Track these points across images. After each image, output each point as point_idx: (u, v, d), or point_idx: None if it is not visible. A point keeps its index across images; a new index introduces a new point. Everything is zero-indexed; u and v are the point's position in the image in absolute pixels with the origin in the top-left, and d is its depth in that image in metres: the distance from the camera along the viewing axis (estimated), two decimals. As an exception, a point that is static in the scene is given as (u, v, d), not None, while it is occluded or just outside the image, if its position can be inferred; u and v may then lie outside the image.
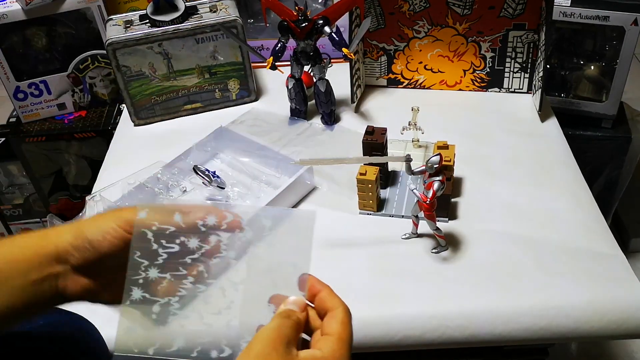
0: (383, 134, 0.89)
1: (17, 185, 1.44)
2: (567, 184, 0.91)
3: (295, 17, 0.98)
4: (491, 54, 1.11)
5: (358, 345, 0.72)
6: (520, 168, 0.95)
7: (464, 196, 0.90)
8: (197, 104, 1.16)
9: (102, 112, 1.32)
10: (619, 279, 0.76)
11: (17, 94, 1.26)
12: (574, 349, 1.31)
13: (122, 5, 1.29)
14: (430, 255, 0.80)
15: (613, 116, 1.23)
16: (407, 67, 1.16)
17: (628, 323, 0.72)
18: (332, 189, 0.93)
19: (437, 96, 1.15)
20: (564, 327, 0.72)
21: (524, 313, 0.73)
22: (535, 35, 1.07)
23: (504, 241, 0.82)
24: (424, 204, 0.75)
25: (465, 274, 0.78)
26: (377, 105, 1.14)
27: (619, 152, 1.27)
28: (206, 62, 1.11)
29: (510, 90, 1.14)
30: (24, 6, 1.16)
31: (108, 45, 1.05)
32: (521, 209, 0.87)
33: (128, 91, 1.10)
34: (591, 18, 1.13)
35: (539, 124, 1.05)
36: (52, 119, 1.31)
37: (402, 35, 1.12)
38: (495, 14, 1.07)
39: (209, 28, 1.07)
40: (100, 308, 0.76)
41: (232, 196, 0.90)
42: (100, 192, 0.90)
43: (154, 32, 1.05)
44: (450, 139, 0.89)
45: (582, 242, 0.81)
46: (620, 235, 1.53)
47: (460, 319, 0.73)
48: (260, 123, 1.10)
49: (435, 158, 0.74)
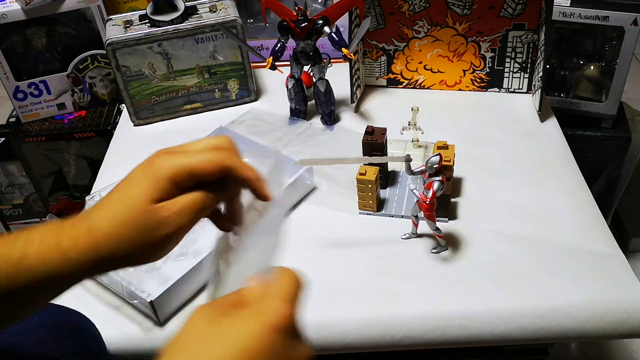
0: (383, 134, 0.89)
1: (16, 185, 1.44)
2: (567, 184, 0.91)
3: (295, 17, 0.98)
4: (491, 54, 1.11)
5: (358, 345, 0.72)
6: (520, 168, 0.95)
7: (464, 196, 0.90)
8: (196, 104, 1.16)
9: (101, 112, 1.32)
10: (619, 279, 0.76)
11: (16, 94, 1.26)
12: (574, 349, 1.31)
13: (122, 5, 1.29)
14: (430, 255, 0.80)
15: (613, 116, 1.23)
16: (407, 67, 1.16)
17: (628, 323, 0.72)
18: (332, 189, 0.93)
19: (436, 96, 1.15)
20: (564, 327, 0.72)
21: (524, 313, 0.73)
22: (535, 35, 1.07)
23: (504, 241, 0.82)
24: (424, 204, 0.75)
25: (465, 274, 0.78)
26: (376, 105, 1.14)
27: (618, 152, 1.27)
28: (206, 62, 1.11)
29: (510, 90, 1.14)
30: (23, 6, 1.16)
31: (108, 45, 1.05)
32: (521, 209, 0.87)
33: (128, 91, 1.10)
34: (591, 18, 1.13)
35: (538, 124, 1.05)
36: (51, 119, 1.31)
37: (401, 35, 1.12)
38: (495, 14, 1.07)
39: (208, 28, 1.07)
40: (100, 308, 0.76)
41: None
42: (100, 192, 0.90)
43: (154, 32, 1.05)
44: (450, 139, 0.89)
45: (582, 242, 0.81)
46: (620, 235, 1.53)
47: (460, 319, 0.73)
48: (260, 123, 1.10)
49: (435, 158, 0.74)
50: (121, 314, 0.76)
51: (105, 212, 0.45)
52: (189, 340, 0.38)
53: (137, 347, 0.73)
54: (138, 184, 0.45)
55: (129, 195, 0.45)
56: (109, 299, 0.78)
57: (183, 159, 0.45)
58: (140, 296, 0.71)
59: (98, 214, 0.45)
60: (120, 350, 0.73)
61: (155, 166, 0.45)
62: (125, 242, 0.44)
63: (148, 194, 0.44)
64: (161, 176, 0.45)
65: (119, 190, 0.46)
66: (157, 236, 0.45)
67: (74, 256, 0.44)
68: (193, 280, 0.75)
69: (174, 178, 0.45)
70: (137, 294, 0.72)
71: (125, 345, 0.73)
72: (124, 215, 0.44)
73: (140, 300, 0.72)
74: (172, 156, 0.46)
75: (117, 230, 0.44)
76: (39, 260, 0.44)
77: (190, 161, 0.45)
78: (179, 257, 0.80)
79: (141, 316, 0.75)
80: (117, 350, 0.73)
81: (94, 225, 0.45)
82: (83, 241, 0.44)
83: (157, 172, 0.45)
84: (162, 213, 0.44)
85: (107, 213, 0.45)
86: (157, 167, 0.45)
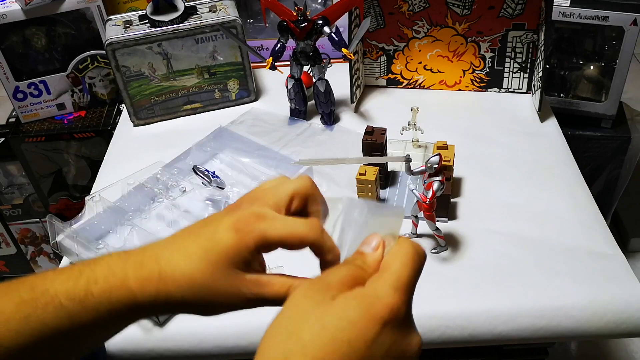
0: (383, 134, 0.89)
1: (16, 185, 1.44)
2: (566, 184, 0.91)
3: (295, 17, 0.98)
4: (490, 54, 1.11)
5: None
6: (519, 168, 0.95)
7: (464, 196, 0.90)
8: (196, 104, 1.16)
9: (101, 112, 1.32)
10: (619, 279, 0.76)
11: (16, 94, 1.26)
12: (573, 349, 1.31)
13: (121, 5, 1.29)
14: (430, 255, 0.80)
15: (612, 116, 1.23)
16: (407, 67, 1.16)
17: (628, 322, 0.72)
18: (332, 189, 0.93)
19: (436, 96, 1.15)
20: (564, 327, 0.72)
21: (524, 313, 0.73)
22: (535, 36, 1.07)
23: (503, 241, 0.82)
24: (424, 204, 0.75)
25: (465, 274, 0.78)
26: (376, 105, 1.14)
27: (618, 152, 1.27)
28: (206, 62, 1.11)
29: (510, 90, 1.14)
30: (23, 6, 1.16)
31: (107, 46, 1.05)
32: (521, 208, 0.87)
33: (127, 91, 1.10)
34: (590, 18, 1.13)
35: (538, 124, 1.05)
36: (51, 119, 1.31)
37: (401, 35, 1.12)
38: (494, 14, 1.07)
39: (208, 28, 1.07)
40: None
41: (231, 196, 0.90)
42: (100, 192, 0.90)
43: (154, 32, 1.05)
44: (449, 139, 0.89)
45: (582, 242, 0.81)
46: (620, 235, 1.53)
47: (460, 319, 0.73)
48: (259, 123, 1.10)
49: (434, 158, 0.74)
50: (121, 314, 0.76)
51: (179, 259, 0.42)
52: (291, 322, 0.36)
53: (137, 347, 0.73)
54: (221, 241, 0.41)
55: (209, 249, 0.41)
56: (108, 299, 0.78)
57: (273, 229, 0.41)
58: (140, 296, 0.71)
59: (170, 259, 0.42)
60: (120, 350, 0.73)
61: (243, 230, 0.41)
62: (198, 298, 0.42)
63: (230, 256, 0.41)
64: (247, 246, 0.41)
65: (198, 236, 0.43)
66: (227, 301, 0.42)
67: (141, 299, 0.42)
68: (193, 281, 0.75)
69: (259, 248, 0.42)
70: (137, 294, 0.72)
71: (125, 345, 0.73)
72: (201, 272, 0.41)
73: (140, 301, 0.72)
74: (262, 223, 0.42)
75: (191, 285, 0.41)
76: (103, 298, 0.41)
77: (280, 234, 0.41)
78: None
79: (141, 316, 0.75)
80: (117, 350, 0.73)
81: (165, 272, 0.42)
82: (153, 287, 0.41)
83: (244, 238, 0.41)
84: (241, 287, 0.42)
85: (181, 262, 0.42)
86: (245, 232, 0.41)
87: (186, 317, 0.74)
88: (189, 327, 0.73)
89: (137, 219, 0.88)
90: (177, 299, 0.42)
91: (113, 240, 0.85)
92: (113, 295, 0.42)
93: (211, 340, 0.73)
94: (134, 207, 0.89)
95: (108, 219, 0.86)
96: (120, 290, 0.42)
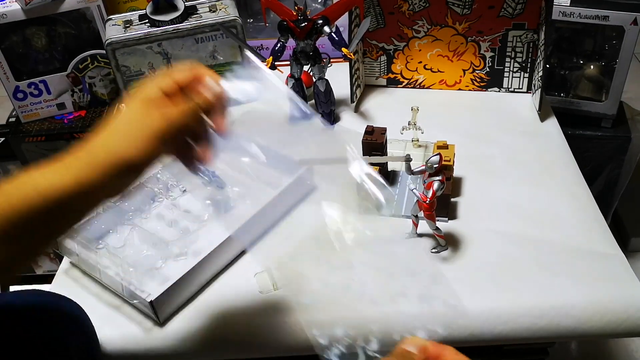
0: (383, 133, 0.89)
1: (16, 185, 1.44)
2: (566, 184, 0.91)
3: (295, 16, 0.98)
4: (491, 53, 1.11)
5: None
6: (520, 168, 0.95)
7: (464, 196, 0.90)
8: (196, 104, 1.15)
9: (101, 112, 1.32)
10: (619, 279, 0.76)
11: (16, 94, 1.26)
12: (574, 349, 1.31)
13: (121, 5, 1.29)
14: (430, 255, 0.80)
15: (613, 116, 1.23)
16: (407, 67, 1.16)
17: (628, 322, 0.72)
18: (332, 189, 0.93)
19: (436, 96, 1.15)
20: (564, 327, 0.72)
21: (524, 313, 0.73)
22: (535, 35, 1.07)
23: (503, 241, 0.82)
24: (424, 203, 0.75)
25: (465, 274, 0.78)
26: (376, 105, 1.14)
27: (618, 151, 1.27)
28: (206, 62, 1.11)
29: (510, 90, 1.14)
30: (23, 6, 1.16)
31: (107, 45, 1.05)
32: (521, 208, 0.87)
33: (128, 91, 1.10)
34: (591, 18, 1.13)
35: (538, 123, 1.05)
36: (51, 119, 1.31)
37: (401, 35, 1.12)
38: (494, 13, 1.07)
39: (208, 28, 1.07)
40: (100, 308, 0.76)
41: (232, 196, 0.90)
42: (100, 192, 0.90)
43: (154, 32, 1.05)
44: (450, 139, 0.89)
45: (582, 241, 0.81)
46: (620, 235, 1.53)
47: (460, 318, 0.73)
48: (260, 123, 1.10)
49: (435, 158, 0.74)
50: (121, 314, 0.76)
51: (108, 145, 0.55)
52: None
53: (137, 347, 0.73)
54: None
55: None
56: (109, 299, 0.78)
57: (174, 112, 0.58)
58: (140, 296, 0.71)
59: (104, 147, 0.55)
60: (120, 350, 0.73)
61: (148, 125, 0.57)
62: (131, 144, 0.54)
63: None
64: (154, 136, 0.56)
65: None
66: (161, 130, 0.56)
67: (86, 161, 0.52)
68: (193, 280, 0.75)
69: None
70: (137, 294, 0.72)
71: (125, 345, 0.73)
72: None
73: (140, 300, 0.72)
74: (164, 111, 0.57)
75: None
76: (55, 181, 0.49)
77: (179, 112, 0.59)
78: (179, 257, 0.80)
79: (141, 316, 0.75)
80: (117, 350, 0.73)
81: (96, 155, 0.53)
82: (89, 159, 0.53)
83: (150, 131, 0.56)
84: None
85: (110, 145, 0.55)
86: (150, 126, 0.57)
87: (186, 317, 0.74)
88: (189, 327, 0.73)
89: (137, 219, 0.88)
90: (115, 154, 0.54)
91: (113, 240, 0.85)
92: (58, 174, 0.50)
93: (211, 340, 0.73)
94: (134, 207, 0.89)
95: (108, 218, 0.86)
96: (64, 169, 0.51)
